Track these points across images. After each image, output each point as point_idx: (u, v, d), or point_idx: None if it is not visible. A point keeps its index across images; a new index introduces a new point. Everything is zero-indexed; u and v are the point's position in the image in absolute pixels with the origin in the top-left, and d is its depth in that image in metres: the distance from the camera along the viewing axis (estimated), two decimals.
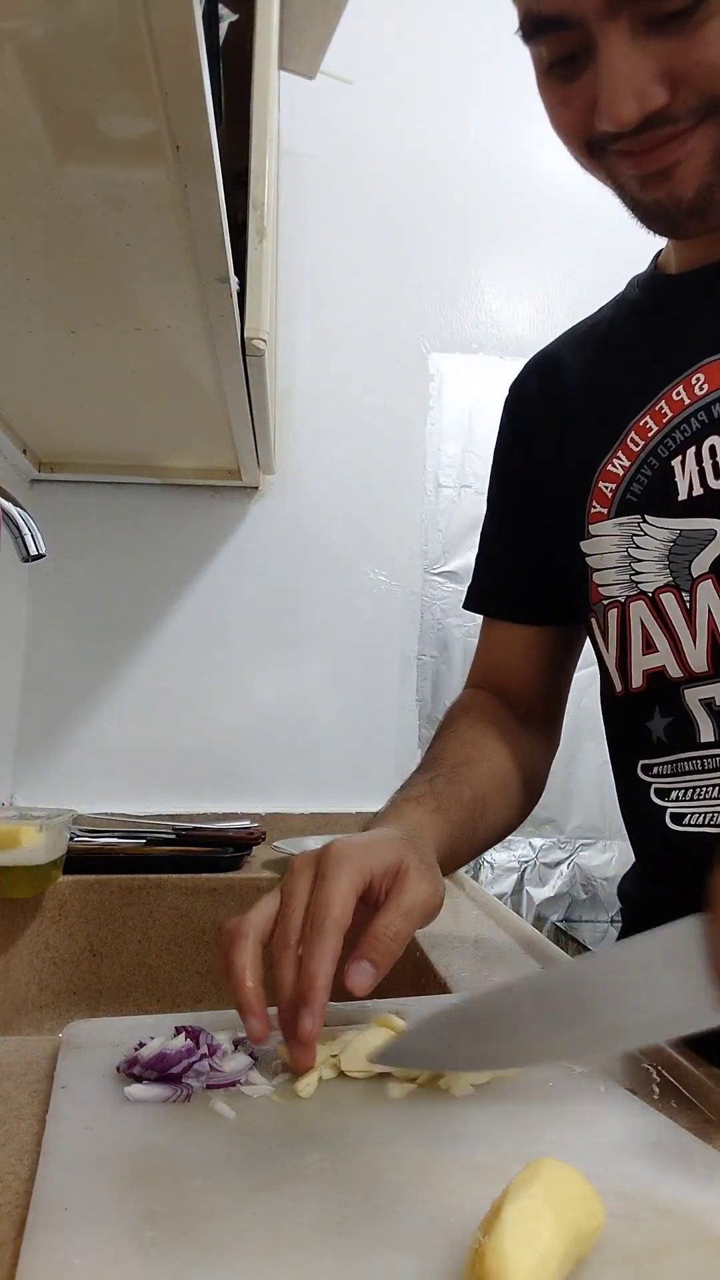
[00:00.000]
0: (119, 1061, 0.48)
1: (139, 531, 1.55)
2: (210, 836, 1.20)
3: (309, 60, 1.31)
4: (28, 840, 0.94)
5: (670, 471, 0.63)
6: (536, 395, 0.78)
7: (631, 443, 0.66)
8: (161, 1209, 0.35)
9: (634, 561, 0.66)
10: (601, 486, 0.68)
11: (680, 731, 0.66)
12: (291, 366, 1.61)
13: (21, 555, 0.93)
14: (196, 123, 0.62)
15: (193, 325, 0.94)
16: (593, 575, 0.70)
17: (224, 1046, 0.49)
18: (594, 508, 0.69)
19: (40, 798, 1.46)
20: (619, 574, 0.68)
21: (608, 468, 0.68)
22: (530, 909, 1.60)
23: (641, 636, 0.67)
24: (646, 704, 0.68)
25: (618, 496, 0.67)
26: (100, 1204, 0.36)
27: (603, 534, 0.68)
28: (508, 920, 0.93)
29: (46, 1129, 0.43)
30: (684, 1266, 0.32)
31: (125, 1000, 1.09)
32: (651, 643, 0.66)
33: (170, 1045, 0.48)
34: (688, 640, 0.63)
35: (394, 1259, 0.32)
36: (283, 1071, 0.49)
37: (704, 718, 0.64)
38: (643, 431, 0.66)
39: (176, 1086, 0.46)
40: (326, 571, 1.60)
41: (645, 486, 0.65)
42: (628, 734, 0.71)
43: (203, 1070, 0.47)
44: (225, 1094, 0.46)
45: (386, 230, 1.65)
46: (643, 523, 0.65)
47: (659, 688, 0.66)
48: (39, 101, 0.61)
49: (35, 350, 1.03)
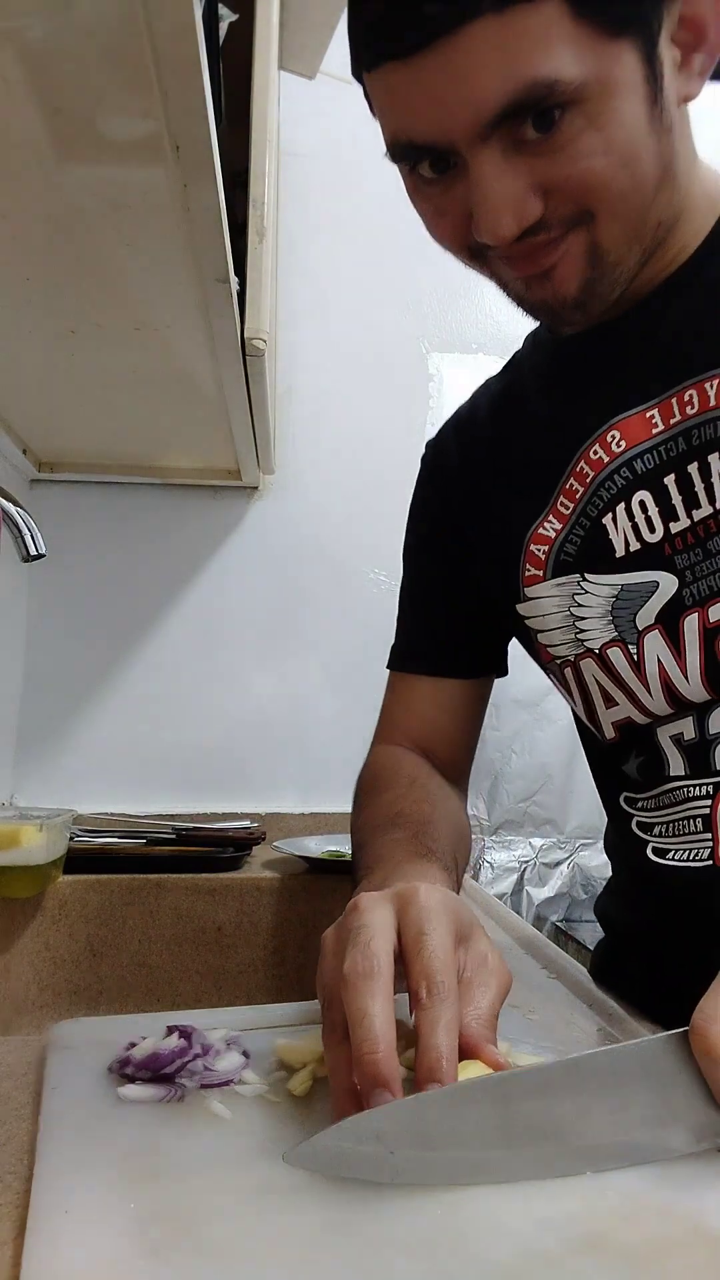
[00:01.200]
0: (110, 1062, 0.48)
1: (139, 531, 1.55)
2: (210, 836, 1.20)
3: (309, 60, 1.31)
4: (28, 840, 0.94)
5: (603, 529, 0.65)
6: (455, 458, 0.80)
7: (561, 505, 0.67)
8: (164, 1210, 0.35)
9: (577, 620, 0.67)
10: (534, 549, 0.69)
11: (651, 767, 0.67)
12: (291, 366, 1.61)
13: (21, 555, 0.93)
14: (196, 123, 0.62)
15: (193, 325, 0.94)
16: (537, 636, 0.71)
17: (216, 1046, 0.49)
18: (528, 570, 0.70)
19: (40, 798, 1.46)
20: (564, 634, 0.69)
21: (539, 530, 0.69)
22: (530, 909, 1.60)
23: (600, 693, 0.68)
24: (624, 749, 0.70)
25: (552, 558, 0.68)
26: (101, 1206, 0.36)
27: (541, 595, 0.69)
28: (508, 920, 0.93)
29: (40, 1130, 0.42)
30: (683, 1266, 0.32)
31: (125, 1000, 1.09)
32: (611, 697, 0.67)
33: (163, 1045, 0.47)
34: (642, 692, 0.65)
35: (394, 1258, 0.32)
36: (276, 1070, 0.48)
37: (673, 752, 0.65)
38: (570, 494, 0.67)
39: (170, 1086, 0.45)
40: (326, 571, 1.60)
41: (580, 546, 0.66)
42: (608, 774, 0.73)
43: (196, 1070, 0.46)
44: (219, 1093, 0.46)
45: (386, 230, 1.65)
46: (583, 580, 0.66)
47: (631, 734, 0.68)
48: (39, 101, 0.61)
49: (35, 350, 1.03)
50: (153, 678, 1.53)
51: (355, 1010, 0.41)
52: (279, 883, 1.13)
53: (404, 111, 0.54)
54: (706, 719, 0.63)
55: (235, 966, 1.12)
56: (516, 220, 0.53)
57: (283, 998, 1.09)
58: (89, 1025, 0.56)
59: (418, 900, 0.46)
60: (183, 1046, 0.47)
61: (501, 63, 0.49)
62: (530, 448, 0.71)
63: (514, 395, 0.76)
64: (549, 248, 0.56)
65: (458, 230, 0.58)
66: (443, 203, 0.57)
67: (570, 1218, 0.35)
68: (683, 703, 0.64)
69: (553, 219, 0.54)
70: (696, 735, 0.64)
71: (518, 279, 0.59)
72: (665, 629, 0.63)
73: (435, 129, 0.53)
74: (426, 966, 0.42)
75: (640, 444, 0.63)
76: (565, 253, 0.56)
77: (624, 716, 0.67)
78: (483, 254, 0.59)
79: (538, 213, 0.54)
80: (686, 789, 0.65)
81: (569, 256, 0.56)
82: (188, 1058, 0.46)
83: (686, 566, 0.62)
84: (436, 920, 0.45)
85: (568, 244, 0.56)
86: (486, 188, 0.53)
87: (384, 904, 0.46)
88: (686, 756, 0.65)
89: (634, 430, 0.63)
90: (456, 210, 0.56)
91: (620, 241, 0.57)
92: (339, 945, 0.46)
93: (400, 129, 0.55)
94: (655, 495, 0.62)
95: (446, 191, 0.56)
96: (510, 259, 0.57)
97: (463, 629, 0.79)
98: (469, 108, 0.51)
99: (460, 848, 0.69)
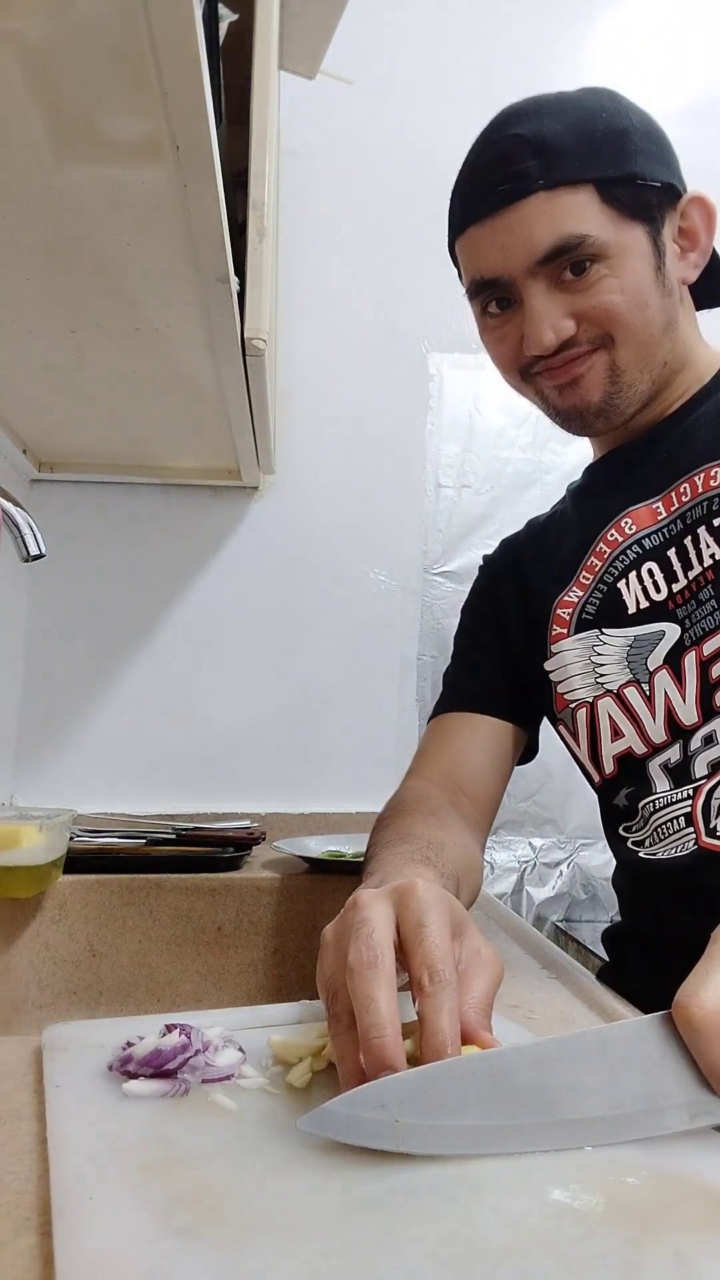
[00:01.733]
0: (110, 1060, 0.48)
1: (139, 531, 1.55)
2: (210, 836, 1.20)
3: (309, 60, 1.31)
4: (28, 840, 0.94)
5: (618, 592, 0.81)
6: (507, 560, 0.97)
7: (583, 577, 0.84)
8: (185, 1194, 0.36)
9: (597, 666, 0.82)
10: (559, 613, 0.85)
11: (638, 795, 0.80)
12: (291, 366, 1.61)
13: (21, 555, 0.93)
14: (196, 123, 0.62)
15: (193, 325, 0.94)
16: (556, 687, 0.85)
17: (215, 1042, 0.50)
18: (554, 630, 0.85)
19: (40, 798, 1.46)
20: (584, 679, 0.83)
21: (564, 598, 0.85)
22: (530, 909, 1.60)
23: (610, 727, 0.81)
24: (617, 785, 0.82)
25: (575, 618, 0.84)
26: (122, 1193, 0.36)
27: (564, 649, 0.84)
28: (507, 920, 0.93)
29: (49, 1127, 0.43)
30: (688, 1217, 0.34)
31: (125, 1000, 1.09)
32: (618, 730, 0.80)
33: (164, 1042, 0.48)
34: (648, 720, 0.78)
35: (417, 1228, 0.34)
36: (271, 1065, 0.49)
37: (660, 776, 0.78)
38: (590, 568, 0.84)
39: (174, 1082, 0.46)
40: (326, 571, 1.60)
41: (599, 607, 0.82)
42: (607, 812, 0.85)
43: (198, 1065, 0.47)
44: (221, 1087, 0.46)
45: (386, 230, 1.65)
46: (601, 633, 0.82)
47: (627, 769, 0.80)
48: (39, 101, 0.61)
49: (35, 350, 1.03)
50: (153, 678, 1.53)
51: (362, 997, 0.43)
52: (279, 883, 1.13)
53: (482, 257, 0.76)
54: (690, 740, 0.75)
55: (235, 966, 1.12)
56: (555, 333, 0.74)
57: (283, 997, 1.09)
58: (81, 1028, 0.56)
59: (415, 894, 0.48)
60: (184, 1043, 0.48)
61: (549, 222, 0.72)
62: (560, 541, 0.89)
63: (552, 514, 0.96)
64: (578, 361, 0.76)
65: (512, 352, 0.79)
66: (503, 332, 0.80)
67: (573, 1182, 0.37)
68: (677, 727, 0.76)
69: (582, 338, 0.75)
70: (680, 757, 0.76)
71: (554, 387, 0.78)
72: (671, 668, 0.77)
73: (501, 267, 0.75)
74: (427, 956, 0.44)
75: (648, 527, 0.80)
76: (590, 367, 0.76)
77: (625, 748, 0.80)
78: (529, 374, 0.79)
79: (571, 330, 0.75)
80: (668, 797, 0.77)
81: (593, 370, 0.77)
82: (189, 1054, 0.47)
83: (685, 615, 0.76)
84: (434, 912, 0.47)
85: (592, 361, 0.76)
86: (534, 310, 0.74)
87: (383, 899, 0.48)
88: (671, 777, 0.77)
89: (643, 518, 0.81)
90: (513, 337, 0.78)
91: (633, 364, 0.77)
92: (340, 939, 0.48)
93: (477, 272, 0.78)
94: (660, 564, 0.78)
95: (506, 324, 0.79)
96: (549, 371, 0.77)
97: (501, 681, 0.92)
98: (525, 251, 0.74)
99: (466, 875, 0.72)
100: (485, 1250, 0.32)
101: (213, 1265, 0.31)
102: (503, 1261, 0.32)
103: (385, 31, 1.64)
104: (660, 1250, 0.32)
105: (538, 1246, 0.33)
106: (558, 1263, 0.32)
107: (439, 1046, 0.41)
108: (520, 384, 0.82)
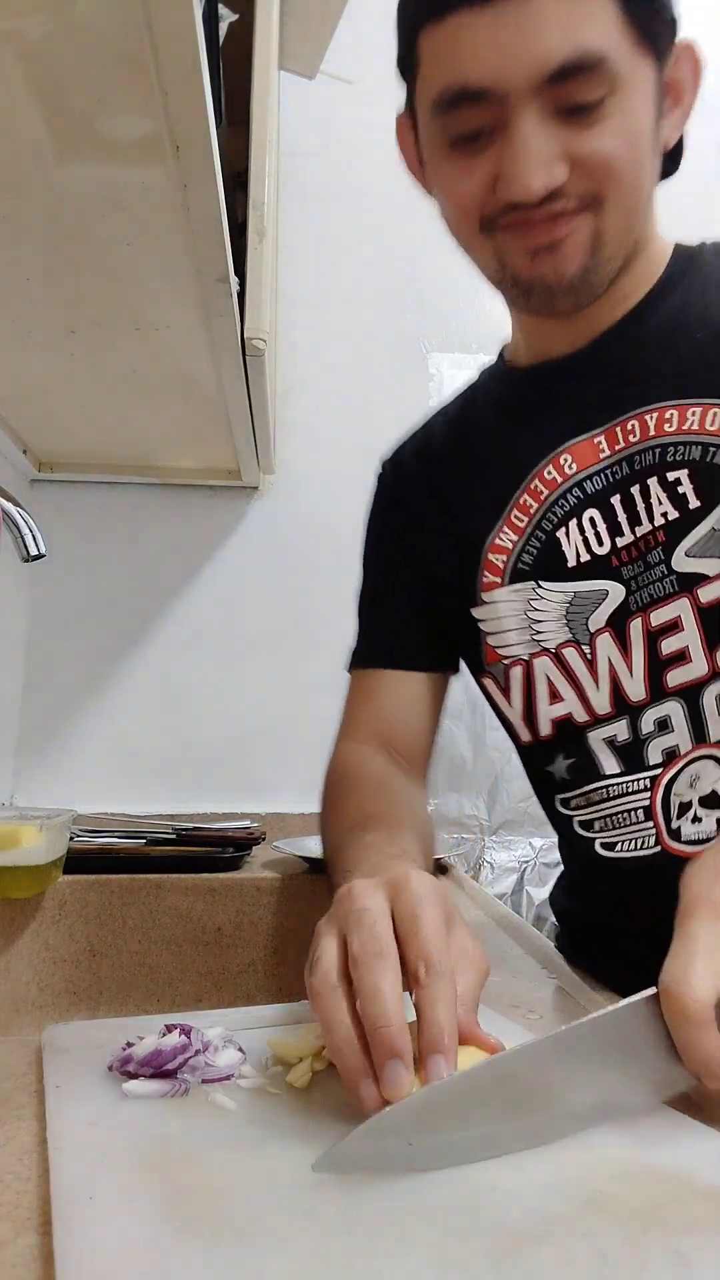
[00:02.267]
0: (110, 1061, 0.48)
1: (139, 531, 1.55)
2: (210, 836, 1.20)
3: (309, 60, 1.31)
4: (28, 840, 0.94)
5: (556, 542, 0.72)
6: (415, 473, 0.85)
7: (515, 518, 0.74)
8: (186, 1191, 0.36)
9: (534, 622, 0.74)
10: (492, 558, 0.75)
11: (582, 768, 0.73)
12: (291, 366, 1.61)
13: (21, 555, 0.93)
14: (196, 123, 0.62)
15: (193, 325, 0.94)
16: (487, 638, 0.77)
17: (215, 1043, 0.50)
18: (486, 577, 0.76)
19: (40, 798, 1.46)
20: (520, 634, 0.75)
21: (496, 540, 0.75)
22: (530, 909, 1.60)
23: (547, 688, 0.74)
24: (551, 751, 0.75)
25: (509, 566, 0.74)
26: (123, 1191, 0.36)
27: (499, 600, 0.75)
28: (507, 920, 0.93)
29: (49, 1127, 0.43)
30: (685, 1218, 0.34)
31: (125, 1000, 1.09)
32: (557, 693, 0.73)
33: (164, 1042, 0.48)
34: (590, 686, 0.72)
35: (415, 1227, 0.34)
36: (271, 1065, 0.49)
37: (606, 754, 0.72)
38: (524, 508, 0.73)
39: (173, 1081, 0.46)
40: (326, 571, 1.59)
41: (536, 556, 0.73)
42: (537, 777, 0.79)
43: (198, 1065, 0.47)
44: (221, 1087, 0.46)
45: (386, 230, 1.65)
46: (538, 587, 0.73)
47: (565, 734, 0.74)
48: (39, 101, 0.61)
49: (35, 350, 1.03)
50: (153, 678, 1.53)
51: (368, 987, 0.43)
52: (279, 883, 1.13)
53: (468, 56, 0.59)
54: (639, 720, 0.70)
55: (235, 966, 1.12)
56: (546, 178, 0.59)
57: (283, 997, 1.09)
58: (80, 1028, 0.56)
59: (410, 886, 0.48)
60: (184, 1043, 0.48)
61: (566, 27, 0.56)
62: (488, 466, 0.77)
63: (470, 419, 0.82)
64: (563, 221, 0.61)
65: (477, 196, 0.63)
66: (470, 165, 0.62)
67: (570, 1182, 0.37)
68: (623, 702, 0.70)
69: (571, 191, 0.60)
70: (629, 736, 0.70)
71: (524, 250, 0.63)
72: (615, 632, 0.70)
73: (495, 74, 0.58)
74: (423, 947, 0.44)
75: (590, 467, 0.71)
76: (574, 230, 0.62)
77: (564, 713, 0.73)
78: (493, 224, 0.63)
79: (562, 178, 0.59)
80: (622, 785, 0.71)
81: (576, 235, 0.62)
82: (189, 1054, 0.47)
83: (631, 577, 0.69)
84: (429, 904, 0.47)
85: (577, 223, 0.62)
86: (526, 143, 0.58)
87: (378, 890, 0.48)
88: (620, 756, 0.71)
89: (584, 454, 0.71)
90: (482, 174, 0.62)
91: (616, 234, 0.63)
92: (336, 930, 0.47)
93: (457, 76, 0.60)
94: (603, 513, 0.70)
95: (478, 155, 0.61)
96: (525, 227, 0.62)
97: (422, 627, 0.84)
98: (532, 60, 0.57)
99: (427, 848, 0.71)
100: (485, 1250, 0.32)
101: (213, 1263, 0.31)
102: (502, 1261, 0.32)
103: (385, 31, 1.63)
104: (661, 1248, 0.32)
105: (539, 1244, 0.33)
106: (559, 1261, 0.32)
107: (435, 1038, 0.41)
108: (474, 240, 0.66)
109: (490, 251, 0.65)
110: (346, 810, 0.73)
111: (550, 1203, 0.36)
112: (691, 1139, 0.41)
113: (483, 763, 1.63)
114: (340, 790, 0.78)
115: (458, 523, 0.78)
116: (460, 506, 0.79)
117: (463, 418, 0.84)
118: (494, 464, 0.76)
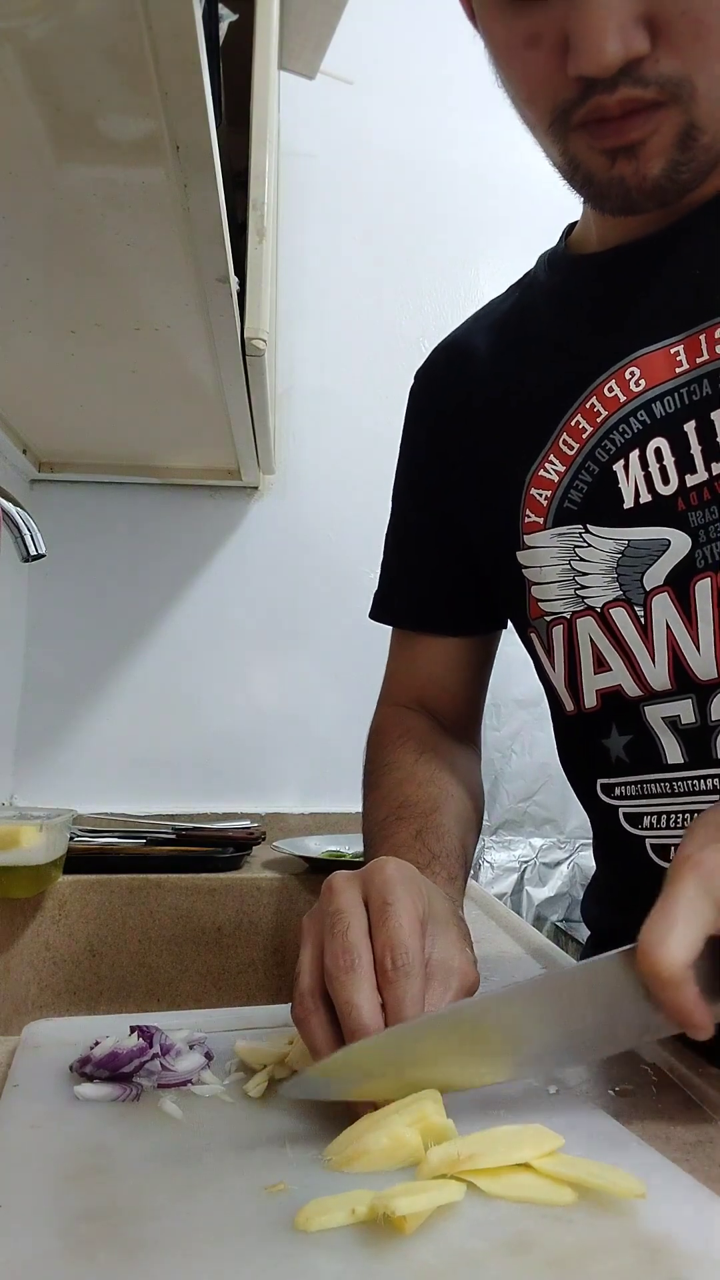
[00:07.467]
0: (73, 1061, 0.48)
1: (139, 531, 1.55)
2: (210, 836, 1.20)
3: (309, 60, 1.31)
4: (28, 840, 0.94)
5: (612, 477, 0.59)
6: (447, 386, 0.73)
7: (564, 445, 0.61)
8: (97, 1207, 0.35)
9: (578, 575, 0.62)
10: (534, 493, 0.63)
11: (642, 751, 0.61)
12: (291, 366, 1.61)
13: (21, 555, 0.93)
14: (196, 123, 0.62)
15: (193, 325, 0.94)
16: (531, 589, 0.65)
17: (178, 1046, 0.49)
18: (528, 516, 0.64)
19: (40, 798, 1.46)
20: (562, 588, 0.63)
21: (539, 473, 0.63)
22: (530, 909, 1.60)
23: (592, 654, 0.62)
24: (602, 722, 0.63)
25: (554, 505, 0.62)
26: (37, 1202, 0.36)
27: (540, 545, 0.63)
28: (507, 920, 0.93)
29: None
30: (609, 1270, 0.31)
31: (125, 1000, 1.09)
32: (604, 661, 0.62)
33: (122, 1044, 0.48)
34: (645, 659, 0.59)
35: (318, 1259, 0.32)
36: (236, 1071, 0.49)
37: (669, 738, 0.60)
38: (575, 432, 0.61)
39: (126, 1086, 0.46)
40: (326, 571, 1.60)
41: (585, 494, 0.61)
42: (582, 752, 0.67)
43: (154, 1070, 0.47)
44: (176, 1093, 0.46)
45: (386, 230, 1.65)
46: (585, 533, 0.61)
47: (615, 706, 0.62)
48: (39, 101, 0.61)
49: (35, 350, 1.03)
50: (153, 678, 1.53)
51: (342, 1003, 0.42)
52: (279, 883, 1.13)
53: None
54: (710, 703, 0.57)
55: (235, 966, 1.12)
56: (623, 46, 0.47)
57: (283, 998, 1.09)
58: (58, 1025, 0.56)
59: (384, 872, 0.47)
60: (142, 1046, 0.47)
61: None
62: (537, 376, 0.64)
63: (522, 319, 0.69)
64: (640, 119, 0.50)
65: (550, 69, 0.50)
66: (538, 25, 0.50)
67: (503, 1218, 0.34)
68: (687, 679, 0.58)
69: (651, 74, 0.49)
70: (697, 720, 0.58)
71: (601, 151, 0.52)
72: (675, 592, 0.57)
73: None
74: (391, 937, 0.44)
75: (661, 384, 0.57)
76: (656, 129, 0.51)
77: (613, 684, 0.62)
78: (569, 120, 0.52)
79: (642, 47, 0.48)
80: (691, 781, 0.59)
81: (660, 134, 0.51)
82: (146, 1057, 0.47)
83: (700, 525, 0.56)
84: (400, 890, 0.46)
85: (659, 119, 0.50)
86: (595, 2, 0.47)
87: (353, 882, 0.48)
88: (684, 743, 0.59)
89: (655, 367, 0.57)
90: (552, 37, 0.50)
91: (714, 121, 0.51)
92: (317, 930, 0.47)
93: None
94: (673, 443, 0.56)
95: (545, 12, 0.49)
96: (600, 126, 0.51)
97: (454, 581, 0.74)
98: None
99: (469, 828, 0.67)
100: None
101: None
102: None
103: (385, 31, 1.64)
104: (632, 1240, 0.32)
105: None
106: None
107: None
108: (551, 137, 0.54)
109: (562, 152, 0.55)
110: (383, 791, 0.68)
111: (471, 1241, 0.33)
112: (647, 1175, 0.36)
113: (483, 763, 1.63)
114: (378, 766, 0.72)
115: (497, 452, 0.66)
116: (499, 428, 0.66)
117: (509, 317, 0.71)
118: (542, 375, 0.64)
